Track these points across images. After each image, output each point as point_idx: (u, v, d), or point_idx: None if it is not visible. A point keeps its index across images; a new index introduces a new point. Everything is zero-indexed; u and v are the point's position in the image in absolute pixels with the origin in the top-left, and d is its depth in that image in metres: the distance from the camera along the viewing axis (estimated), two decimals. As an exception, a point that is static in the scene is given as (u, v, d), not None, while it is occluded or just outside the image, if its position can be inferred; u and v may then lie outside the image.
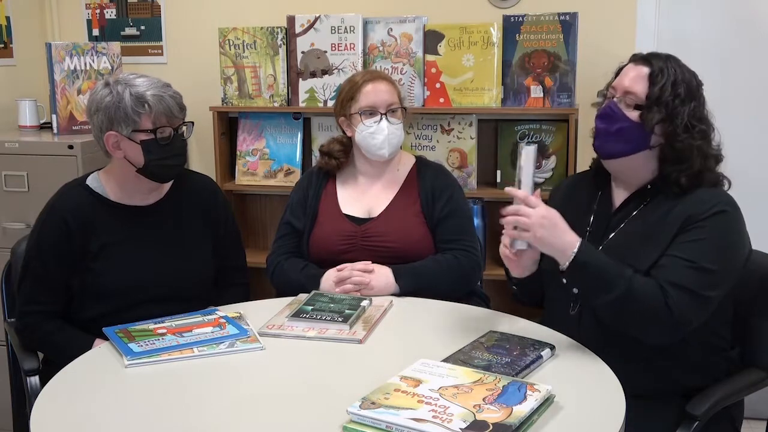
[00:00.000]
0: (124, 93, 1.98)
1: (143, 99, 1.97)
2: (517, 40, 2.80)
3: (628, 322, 1.75)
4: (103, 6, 3.44)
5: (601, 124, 1.88)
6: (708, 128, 1.85)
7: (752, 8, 2.96)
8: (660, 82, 1.81)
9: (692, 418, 1.73)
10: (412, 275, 2.16)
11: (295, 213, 2.36)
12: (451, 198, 2.31)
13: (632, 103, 1.83)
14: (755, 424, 2.65)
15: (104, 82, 2.04)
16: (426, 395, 1.41)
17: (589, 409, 1.48)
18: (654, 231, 1.81)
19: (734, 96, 2.97)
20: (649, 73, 1.83)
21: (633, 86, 1.84)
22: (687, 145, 1.80)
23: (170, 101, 2.01)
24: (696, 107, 1.83)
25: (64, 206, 2.06)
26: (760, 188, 2.95)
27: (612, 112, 1.85)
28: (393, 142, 2.28)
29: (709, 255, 1.73)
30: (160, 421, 1.45)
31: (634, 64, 1.88)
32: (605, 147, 1.88)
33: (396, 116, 2.29)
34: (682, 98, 1.81)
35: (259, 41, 3.01)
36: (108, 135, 2.01)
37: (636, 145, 1.84)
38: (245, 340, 1.78)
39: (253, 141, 3.15)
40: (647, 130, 1.81)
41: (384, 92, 2.29)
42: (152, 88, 1.99)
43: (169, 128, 2.03)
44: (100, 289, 2.04)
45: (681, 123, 1.80)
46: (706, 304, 1.74)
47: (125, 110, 1.97)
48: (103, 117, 2.00)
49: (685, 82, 1.83)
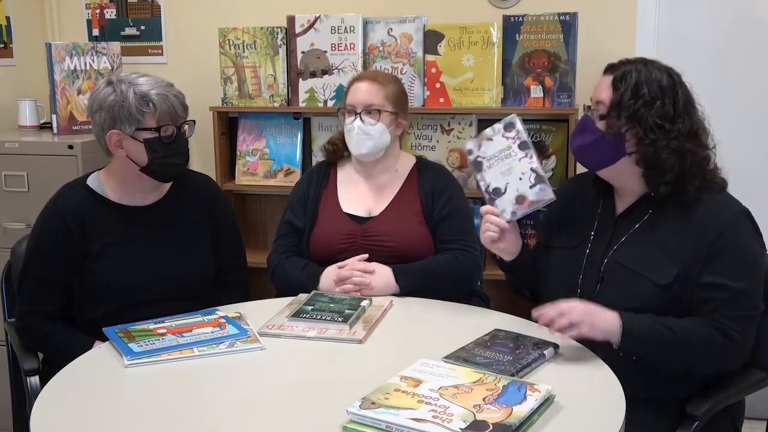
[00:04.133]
0: (128, 92, 1.97)
1: (147, 98, 1.97)
2: (517, 40, 2.80)
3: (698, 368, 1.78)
4: (103, 6, 3.44)
5: (575, 141, 1.90)
6: (687, 123, 1.80)
7: (752, 8, 2.96)
8: (621, 87, 1.80)
9: (692, 419, 1.73)
10: (413, 275, 2.16)
11: (295, 212, 2.36)
12: (451, 198, 2.31)
13: (599, 114, 1.84)
14: (755, 424, 2.65)
15: (107, 81, 2.03)
16: (426, 395, 1.41)
17: (589, 409, 1.48)
18: (671, 245, 1.79)
19: (734, 96, 2.97)
20: (612, 80, 1.83)
21: (600, 95, 1.85)
22: (656, 147, 1.77)
23: (174, 100, 2.01)
24: (664, 107, 1.78)
25: (64, 206, 2.06)
26: (760, 188, 2.95)
27: (584, 125, 1.87)
28: (365, 143, 2.26)
29: (744, 273, 1.75)
30: (160, 421, 1.45)
31: (603, 75, 1.88)
32: (586, 161, 1.90)
33: (372, 117, 2.27)
34: (646, 100, 1.78)
35: (259, 41, 3.01)
36: (110, 133, 2.01)
37: (612, 155, 1.82)
38: (245, 340, 1.78)
39: (253, 141, 3.15)
40: (608, 137, 1.80)
41: (363, 92, 2.28)
42: (156, 87, 1.99)
43: (173, 126, 2.02)
44: (100, 290, 2.04)
45: (646, 124, 1.77)
46: (756, 321, 1.77)
47: (129, 109, 1.97)
48: (106, 115, 1.99)
49: (652, 82, 1.80)
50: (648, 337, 1.71)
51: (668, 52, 2.97)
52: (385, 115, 2.28)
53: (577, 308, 1.70)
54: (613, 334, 1.71)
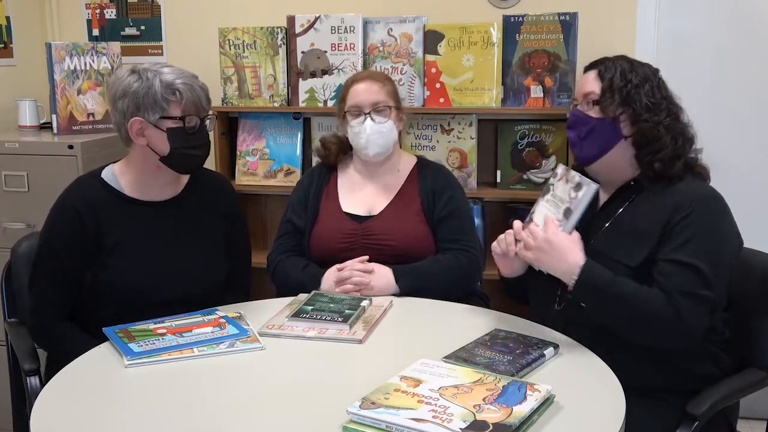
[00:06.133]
0: (155, 80, 1.96)
1: (173, 87, 1.97)
2: (517, 40, 2.81)
3: (639, 334, 1.77)
4: (103, 6, 3.44)
5: (572, 133, 1.95)
6: (673, 106, 1.91)
7: (752, 8, 2.96)
8: (609, 74, 1.90)
9: (692, 418, 1.73)
10: (412, 275, 2.16)
11: (296, 211, 2.37)
12: (451, 198, 2.31)
13: (591, 100, 1.91)
14: (755, 424, 2.65)
15: (130, 70, 2.01)
16: (426, 395, 1.41)
17: (589, 409, 1.47)
18: (642, 227, 1.83)
19: (734, 95, 2.97)
20: (597, 72, 1.93)
21: (588, 87, 1.93)
22: (653, 123, 1.86)
23: (200, 92, 2.01)
24: (653, 87, 1.89)
25: (77, 198, 2.04)
26: (758, 186, 2.94)
27: (577, 118, 1.94)
28: (378, 141, 2.28)
29: (704, 255, 1.75)
30: (160, 421, 1.45)
31: (584, 73, 1.98)
32: (583, 153, 1.94)
33: (382, 115, 2.28)
34: (635, 83, 1.88)
35: (259, 41, 3.01)
36: (133, 121, 1.99)
37: (609, 140, 1.89)
38: (245, 340, 1.78)
39: (253, 141, 3.15)
40: (610, 118, 1.87)
41: (369, 92, 2.29)
42: (182, 77, 1.99)
43: (196, 117, 2.01)
44: (114, 286, 2.01)
45: (641, 104, 1.86)
46: (707, 303, 1.75)
47: (154, 96, 1.96)
48: (130, 102, 1.98)
49: (636, 69, 1.91)
50: (600, 287, 1.76)
51: (668, 52, 2.97)
52: (391, 112, 2.30)
53: (541, 236, 1.80)
54: (568, 277, 1.78)
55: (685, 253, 1.75)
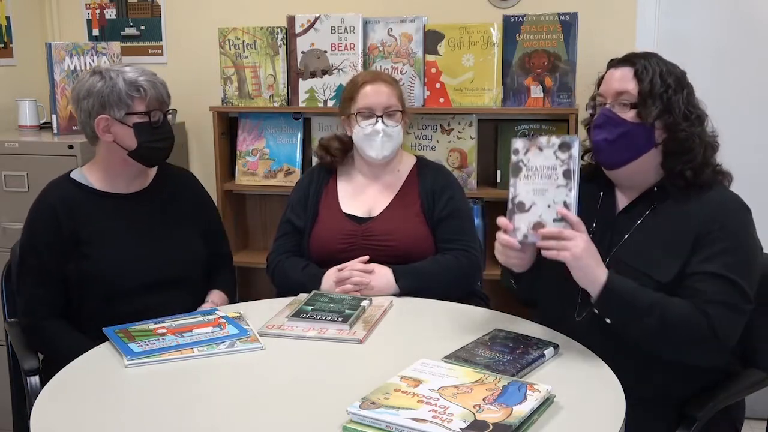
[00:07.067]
0: (118, 79, 2.06)
1: (137, 84, 2.06)
2: (517, 40, 2.80)
3: (669, 348, 1.71)
4: (103, 6, 3.44)
5: (601, 135, 1.82)
6: (702, 115, 1.84)
7: (752, 8, 2.96)
8: (647, 76, 1.79)
9: (692, 419, 1.73)
10: (412, 275, 2.16)
11: (295, 211, 2.36)
12: (451, 198, 2.31)
13: (627, 102, 1.80)
14: (755, 424, 2.65)
15: (92, 71, 2.11)
16: (426, 395, 1.41)
17: (589, 410, 1.47)
18: (672, 239, 1.77)
19: (734, 95, 2.97)
20: (634, 71, 1.81)
21: (623, 86, 1.81)
22: (690, 133, 1.79)
23: (161, 88, 2.11)
24: (688, 94, 1.83)
25: (53, 196, 2.12)
26: (760, 187, 2.94)
27: (608, 118, 1.81)
28: (388, 145, 2.28)
29: (738, 266, 1.71)
30: (160, 422, 1.45)
31: (615, 68, 1.86)
32: (613, 158, 1.83)
33: (393, 119, 2.28)
34: (674, 88, 1.80)
35: (259, 41, 3.01)
36: (99, 119, 2.07)
37: (642, 146, 1.80)
38: (245, 340, 1.78)
39: (253, 141, 3.15)
40: (647, 124, 1.78)
41: (382, 94, 2.29)
42: (144, 75, 2.09)
43: (160, 112, 2.10)
44: (96, 274, 2.06)
45: (680, 112, 1.79)
46: (744, 316, 1.73)
47: (119, 94, 2.05)
48: (95, 101, 2.06)
49: (671, 73, 1.82)
50: (625, 300, 1.68)
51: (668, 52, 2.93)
52: (401, 116, 2.31)
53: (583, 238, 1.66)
54: (593, 289, 1.69)
55: (720, 266, 1.70)
